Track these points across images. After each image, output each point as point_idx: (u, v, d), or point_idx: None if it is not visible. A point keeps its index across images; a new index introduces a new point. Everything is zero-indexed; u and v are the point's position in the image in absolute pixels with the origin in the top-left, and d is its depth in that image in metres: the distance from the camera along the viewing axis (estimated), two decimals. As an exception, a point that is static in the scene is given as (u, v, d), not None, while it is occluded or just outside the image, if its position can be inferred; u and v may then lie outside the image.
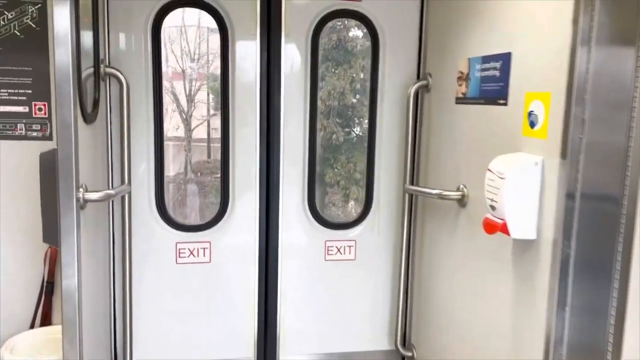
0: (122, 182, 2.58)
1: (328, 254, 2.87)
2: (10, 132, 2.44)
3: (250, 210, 2.77)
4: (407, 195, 2.78)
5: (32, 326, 2.53)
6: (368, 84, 2.86)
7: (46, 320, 2.54)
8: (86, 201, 2.04)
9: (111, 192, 2.31)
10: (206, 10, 2.64)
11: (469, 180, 2.28)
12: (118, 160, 2.59)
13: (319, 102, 2.78)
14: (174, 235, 2.73)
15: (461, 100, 2.36)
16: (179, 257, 2.73)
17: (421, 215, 2.78)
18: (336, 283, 2.91)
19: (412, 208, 2.81)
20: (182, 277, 2.75)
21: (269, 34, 2.66)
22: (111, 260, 2.63)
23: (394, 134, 2.82)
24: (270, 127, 2.72)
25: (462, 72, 2.35)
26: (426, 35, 2.73)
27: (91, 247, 2.26)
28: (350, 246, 2.88)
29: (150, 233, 2.70)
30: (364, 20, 2.75)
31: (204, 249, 2.75)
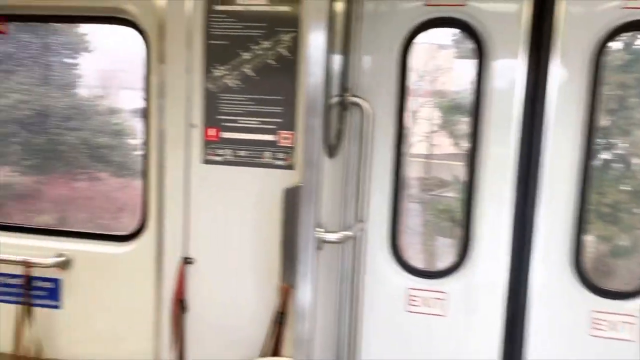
0: (356, 218, 2.41)
1: (595, 328, 2.26)
2: (258, 159, 2.48)
3: (495, 261, 2.35)
4: None
5: (262, 354, 2.53)
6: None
7: (276, 351, 2.52)
8: (324, 242, 1.92)
9: (349, 233, 2.15)
10: (463, 30, 2.31)
11: None
12: (353, 195, 2.43)
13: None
14: (406, 279, 2.46)
15: None
16: (410, 304, 2.45)
17: None
18: None
19: None
20: (412, 327, 2.46)
21: (538, 54, 2.21)
22: (341, 299, 2.49)
23: None
24: (530, 167, 2.26)
25: None
26: None
27: (324, 288, 2.13)
28: (629, 322, 2.23)
29: (380, 274, 2.47)
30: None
31: (438, 299, 2.43)
